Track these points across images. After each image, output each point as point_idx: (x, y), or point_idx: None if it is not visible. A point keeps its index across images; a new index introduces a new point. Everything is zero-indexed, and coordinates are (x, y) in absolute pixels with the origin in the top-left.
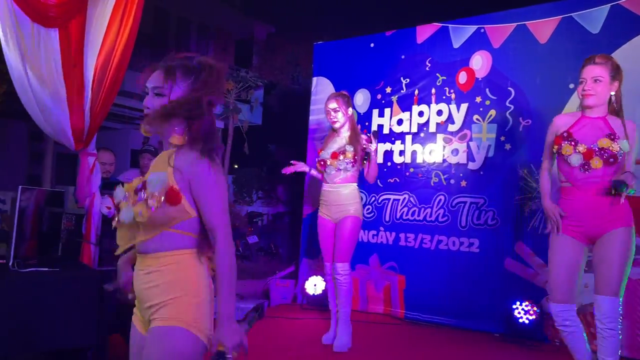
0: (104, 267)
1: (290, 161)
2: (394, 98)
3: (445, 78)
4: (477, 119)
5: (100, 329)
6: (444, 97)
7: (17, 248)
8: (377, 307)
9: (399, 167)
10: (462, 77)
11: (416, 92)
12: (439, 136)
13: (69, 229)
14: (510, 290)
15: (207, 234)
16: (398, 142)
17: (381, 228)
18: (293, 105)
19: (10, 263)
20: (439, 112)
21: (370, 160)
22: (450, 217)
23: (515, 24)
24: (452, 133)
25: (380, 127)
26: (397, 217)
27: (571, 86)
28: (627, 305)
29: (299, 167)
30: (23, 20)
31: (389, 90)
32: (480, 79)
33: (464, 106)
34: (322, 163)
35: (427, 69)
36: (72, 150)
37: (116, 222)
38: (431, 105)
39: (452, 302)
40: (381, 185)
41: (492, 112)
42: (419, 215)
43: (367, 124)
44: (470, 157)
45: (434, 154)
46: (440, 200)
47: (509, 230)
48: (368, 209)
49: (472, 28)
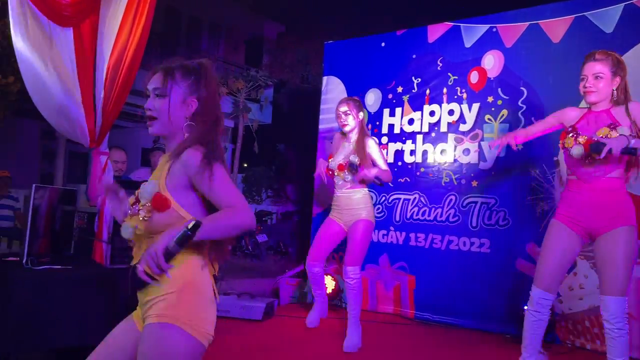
0: (115, 265)
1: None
2: (405, 97)
3: (456, 78)
4: (488, 119)
5: (112, 326)
6: (455, 97)
7: (31, 246)
8: (387, 307)
9: (409, 166)
10: (474, 77)
11: (427, 91)
12: (450, 136)
13: (81, 227)
14: (521, 291)
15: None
16: (409, 141)
17: (391, 228)
18: (303, 105)
19: (24, 260)
20: (451, 112)
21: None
22: (461, 217)
23: (527, 23)
24: (463, 133)
25: (391, 126)
26: (408, 217)
27: None
28: (637, 305)
29: (320, 171)
30: (39, 18)
31: (400, 89)
32: (492, 78)
33: (476, 106)
34: (330, 172)
35: (439, 68)
36: (83, 149)
37: (129, 242)
38: (442, 104)
39: (462, 302)
40: (391, 185)
41: (504, 112)
42: (429, 215)
43: (377, 123)
44: (482, 157)
45: (445, 153)
46: (451, 200)
47: (521, 230)
48: (378, 208)
49: (484, 27)
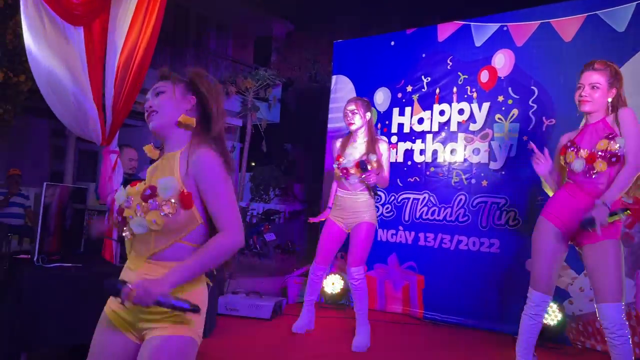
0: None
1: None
2: (415, 97)
3: (467, 77)
4: (499, 118)
5: None
6: (465, 96)
7: (42, 244)
8: (395, 306)
9: (419, 166)
10: (484, 76)
11: (437, 90)
12: (460, 135)
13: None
14: None
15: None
16: (419, 141)
17: (400, 227)
18: (311, 104)
19: (35, 258)
20: (461, 111)
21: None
22: (470, 217)
23: (539, 21)
24: (473, 132)
25: (400, 125)
26: (417, 216)
27: None
28: None
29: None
30: (52, 18)
31: (409, 88)
32: (502, 77)
33: (486, 105)
34: (344, 171)
35: (449, 67)
36: (93, 147)
37: (128, 233)
38: (452, 104)
39: (471, 302)
40: (401, 185)
41: (515, 111)
42: (439, 215)
43: (387, 122)
44: (492, 156)
45: (455, 153)
46: (460, 200)
47: (531, 231)
48: (387, 208)
49: (494, 26)
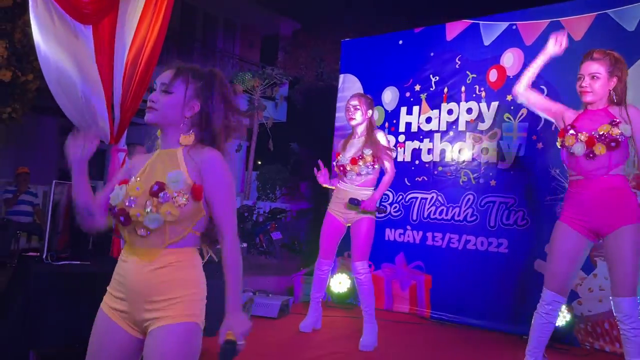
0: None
1: (317, 164)
2: (423, 96)
3: (475, 76)
4: (507, 118)
5: None
6: (474, 95)
7: (51, 241)
8: (402, 306)
9: (427, 165)
10: (493, 75)
11: (445, 89)
12: (469, 134)
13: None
14: (539, 292)
15: (208, 232)
16: (426, 140)
17: (408, 227)
18: (317, 103)
19: (44, 256)
20: (469, 110)
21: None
22: (478, 217)
23: (548, 20)
24: (481, 132)
25: (408, 124)
26: (425, 216)
27: None
28: None
29: (322, 176)
30: (61, 15)
31: (417, 87)
32: (511, 76)
33: (494, 104)
34: (341, 168)
35: (457, 66)
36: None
37: (143, 231)
38: (461, 103)
39: (479, 302)
40: (409, 184)
41: (524, 111)
42: (446, 215)
43: (395, 121)
44: (501, 156)
45: (463, 152)
46: (468, 199)
47: (540, 231)
48: (395, 207)
49: (503, 25)
